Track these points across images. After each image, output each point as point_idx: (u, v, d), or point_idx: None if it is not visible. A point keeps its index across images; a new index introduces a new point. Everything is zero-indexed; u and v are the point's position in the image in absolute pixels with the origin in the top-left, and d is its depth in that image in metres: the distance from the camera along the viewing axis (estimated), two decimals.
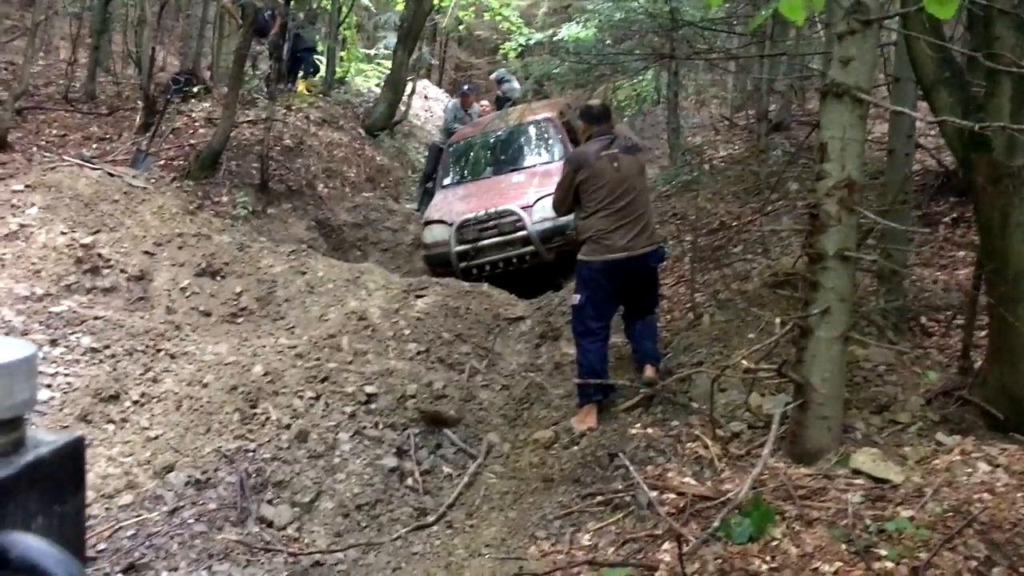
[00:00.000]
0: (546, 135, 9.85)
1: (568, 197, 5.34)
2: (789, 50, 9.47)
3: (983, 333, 4.67)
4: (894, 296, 5.55)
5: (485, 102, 14.91)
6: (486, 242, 8.42)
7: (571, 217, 8.21)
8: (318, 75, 14.63)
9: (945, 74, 4.20)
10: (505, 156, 9.92)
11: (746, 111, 13.10)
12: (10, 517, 0.71)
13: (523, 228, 8.31)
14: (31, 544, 0.69)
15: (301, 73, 13.77)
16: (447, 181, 9.91)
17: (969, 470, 3.60)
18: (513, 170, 9.56)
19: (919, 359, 5.00)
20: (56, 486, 0.76)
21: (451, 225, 8.59)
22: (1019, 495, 3.30)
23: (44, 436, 0.76)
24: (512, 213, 8.40)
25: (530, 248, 8.31)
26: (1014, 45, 3.92)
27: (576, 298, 5.23)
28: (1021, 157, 3.97)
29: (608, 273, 5.11)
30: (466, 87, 13.64)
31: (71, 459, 0.77)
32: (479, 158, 10.12)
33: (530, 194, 8.65)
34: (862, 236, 4.70)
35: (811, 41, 10.02)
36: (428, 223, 9.00)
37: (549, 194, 8.44)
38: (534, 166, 9.48)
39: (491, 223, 8.46)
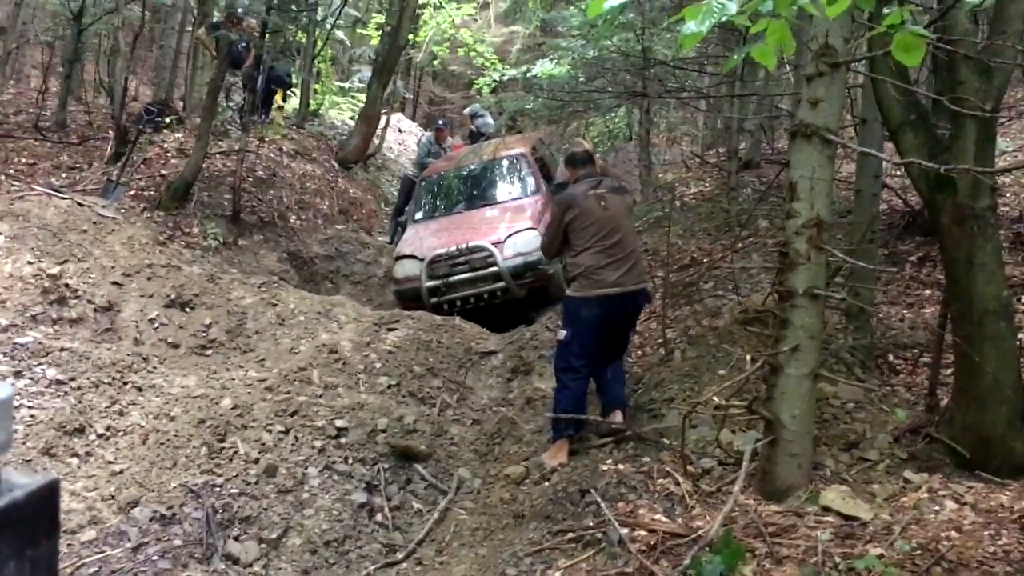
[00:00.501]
0: (518, 170, 9.88)
1: (557, 238, 5.35)
2: (759, 90, 9.62)
3: (949, 371, 4.73)
4: (862, 334, 5.62)
5: (457, 139, 14.96)
6: (457, 278, 8.40)
7: (541, 254, 8.30)
8: (287, 102, 14.62)
9: (911, 116, 4.30)
10: (477, 191, 9.92)
11: (716, 149, 13.26)
12: None
13: (494, 264, 8.30)
14: None
15: (277, 104, 13.77)
16: (419, 216, 9.90)
17: (937, 508, 3.63)
18: (485, 205, 9.56)
19: (887, 396, 5.05)
20: (30, 531, 0.75)
21: (422, 260, 8.56)
22: (986, 533, 3.33)
23: (18, 479, 0.75)
24: (483, 249, 8.40)
25: (501, 284, 8.30)
26: (977, 88, 4.02)
27: (562, 334, 5.20)
28: (985, 199, 4.06)
29: (599, 308, 5.09)
30: (440, 122, 13.70)
31: (45, 503, 0.76)
32: (451, 193, 10.12)
33: (501, 230, 8.66)
34: (831, 274, 4.77)
35: (780, 82, 10.20)
36: (399, 258, 8.97)
37: (521, 230, 8.52)
38: (506, 201, 9.50)
39: (462, 259, 8.45)
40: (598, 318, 5.11)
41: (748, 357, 5.43)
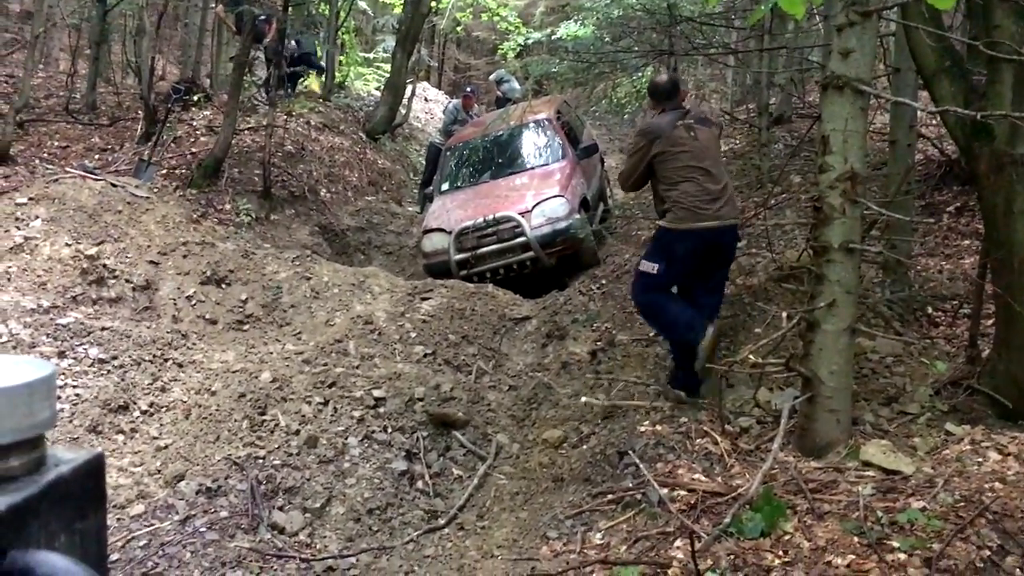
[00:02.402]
0: (543, 136, 9.79)
1: (638, 171, 5.06)
2: (788, 43, 9.46)
3: (990, 322, 4.67)
4: (900, 287, 5.55)
5: (481, 109, 14.90)
6: (486, 249, 8.38)
7: (571, 221, 8.24)
8: (322, 75, 14.66)
9: (945, 63, 4.20)
10: (502, 159, 9.85)
11: (746, 105, 13.10)
12: (33, 536, 0.71)
13: (522, 234, 8.25)
14: (55, 563, 0.69)
15: (308, 77, 13.79)
16: (445, 187, 9.87)
17: (979, 459, 3.59)
18: (511, 173, 9.49)
19: (926, 349, 4.99)
20: (78, 504, 0.76)
21: (450, 233, 8.55)
22: None
23: (64, 454, 0.77)
24: (511, 219, 8.36)
25: (530, 254, 8.26)
26: (1014, 33, 3.91)
27: (652, 267, 4.93)
28: (1023, 145, 3.97)
29: (699, 242, 4.87)
30: (468, 89, 13.65)
31: (92, 476, 0.78)
32: (476, 162, 10.06)
33: (528, 199, 8.60)
34: (866, 228, 4.71)
35: (810, 34, 10.01)
36: (427, 231, 8.95)
37: (548, 198, 8.46)
38: (532, 168, 9.43)
39: (490, 230, 8.41)
40: (696, 252, 4.90)
41: (784, 314, 5.38)
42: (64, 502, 0.74)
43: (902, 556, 2.95)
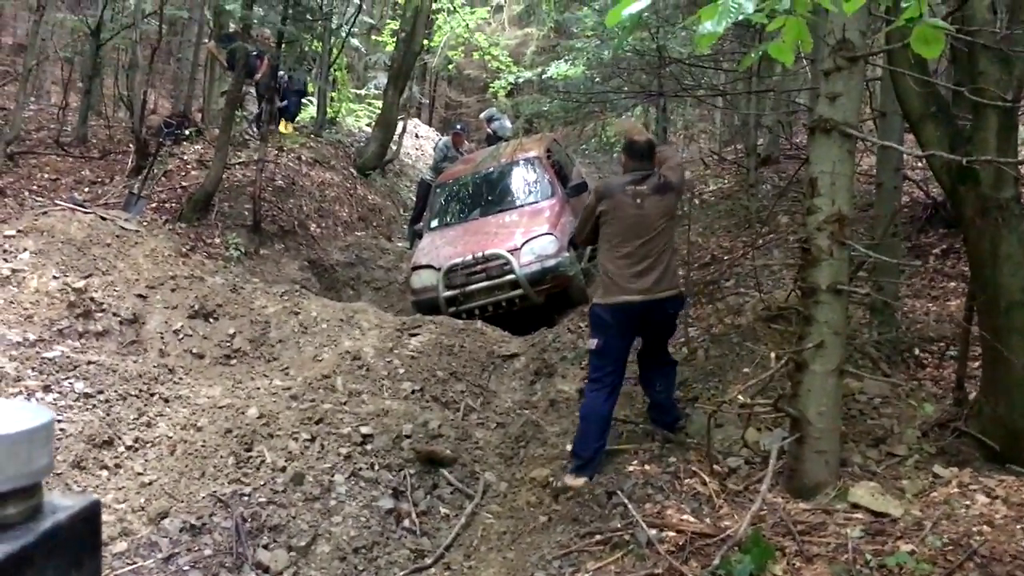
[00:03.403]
0: (532, 174, 9.84)
1: (587, 227, 5.12)
2: (776, 86, 9.59)
3: (977, 364, 4.69)
4: (887, 328, 5.58)
5: (472, 146, 14.99)
6: (475, 287, 8.37)
7: (560, 259, 8.27)
8: (296, 117, 14.68)
9: (931, 108, 4.26)
10: (492, 196, 9.88)
11: (735, 146, 13.22)
12: None
13: (511, 272, 8.25)
14: None
15: (284, 116, 13.85)
16: (434, 224, 9.88)
17: (967, 502, 3.60)
18: (500, 211, 9.51)
19: (914, 391, 5.01)
20: (74, 551, 0.76)
21: (439, 270, 8.54)
22: (1018, 527, 3.29)
23: (61, 501, 0.77)
24: (500, 257, 8.36)
25: (519, 291, 8.26)
26: (998, 79, 3.98)
27: (593, 342, 4.95)
28: (1009, 189, 4.02)
29: (623, 316, 4.84)
30: (459, 126, 13.74)
31: (87, 523, 0.77)
32: (465, 199, 10.10)
33: (517, 236, 8.62)
34: (854, 269, 4.74)
35: (797, 76, 10.15)
36: (416, 268, 8.94)
37: (537, 235, 8.49)
38: (521, 206, 9.46)
39: (479, 267, 8.41)
40: (624, 325, 4.87)
41: (772, 355, 5.41)
42: (60, 550, 0.74)
43: None
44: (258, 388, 6.12)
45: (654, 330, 5.07)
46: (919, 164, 8.01)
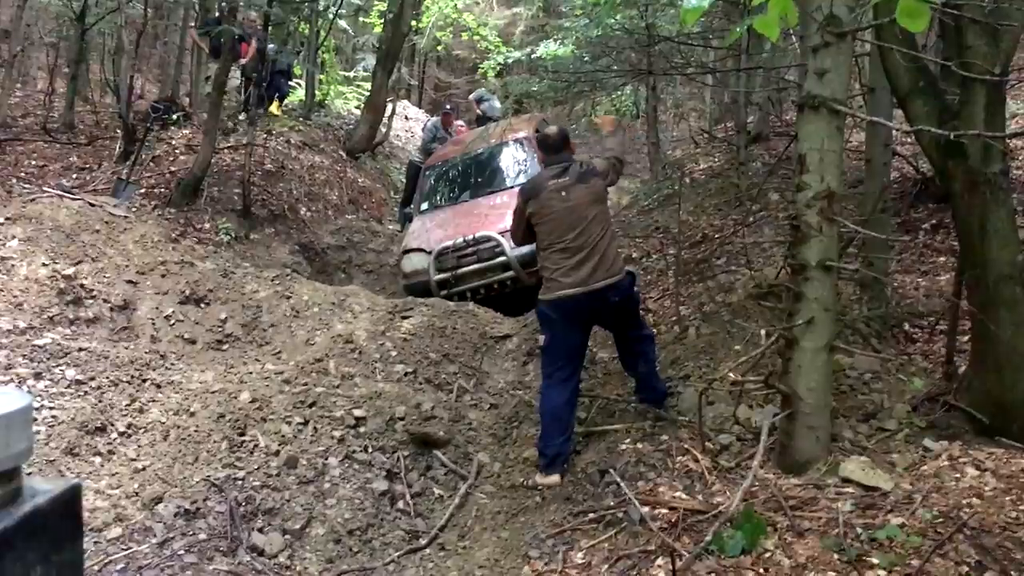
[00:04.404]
0: (522, 154, 9.79)
1: (521, 228, 5.12)
2: (765, 63, 9.56)
3: (966, 338, 4.71)
4: (877, 304, 5.60)
5: (461, 123, 14.96)
6: (466, 269, 8.34)
7: None
8: (286, 99, 14.61)
9: (919, 83, 4.26)
10: (481, 178, 9.82)
11: (725, 124, 13.21)
12: (9, 568, 0.71)
13: (502, 254, 8.22)
14: None
15: (276, 95, 13.79)
16: (424, 206, 9.85)
17: (957, 475, 3.62)
18: (490, 192, 9.46)
19: (904, 366, 5.04)
20: (54, 535, 0.76)
21: (429, 253, 8.52)
22: (1008, 499, 3.32)
23: (41, 485, 0.76)
24: (490, 239, 8.32)
25: (510, 273, 8.23)
26: (986, 53, 3.98)
27: (542, 337, 5.00)
28: (997, 164, 4.03)
29: (563, 312, 4.83)
30: (447, 107, 13.71)
31: (69, 507, 0.77)
32: (455, 181, 10.05)
33: (508, 218, 8.59)
34: (843, 245, 4.74)
35: (786, 53, 10.12)
36: (406, 251, 8.91)
37: None
38: (511, 187, 9.41)
39: (470, 250, 8.37)
40: (569, 318, 4.85)
41: (763, 332, 5.43)
42: (40, 534, 0.74)
43: (881, 573, 2.97)
44: (250, 372, 6.11)
45: (606, 319, 5.06)
46: (908, 140, 8.01)
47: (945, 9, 3.90)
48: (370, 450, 5.12)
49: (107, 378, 5.87)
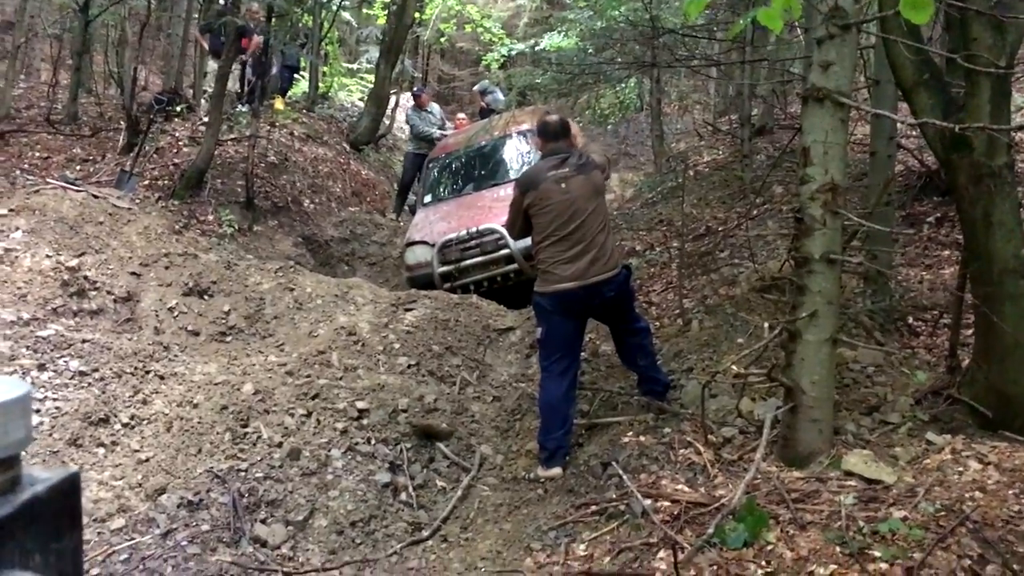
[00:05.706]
0: (525, 147, 9.78)
1: (518, 221, 5.04)
2: (769, 55, 9.53)
3: (970, 332, 4.70)
4: (880, 297, 5.59)
5: (463, 116, 14.95)
6: (469, 262, 8.34)
7: None
8: (288, 93, 14.61)
9: (924, 76, 4.24)
10: (484, 170, 9.82)
11: (729, 116, 13.17)
12: (8, 556, 0.71)
13: (506, 246, 8.20)
14: None
15: (280, 89, 13.78)
16: (428, 199, 9.85)
17: (960, 469, 3.62)
18: (494, 185, 9.44)
19: (907, 359, 5.03)
20: (53, 523, 0.76)
21: (433, 246, 8.52)
22: (1010, 492, 3.32)
23: (40, 473, 0.76)
24: (494, 231, 8.29)
25: (514, 266, 8.22)
26: (991, 45, 3.96)
27: (538, 330, 4.99)
28: (1002, 157, 4.01)
29: (560, 305, 4.81)
30: (415, 88, 13.68)
31: (67, 496, 0.77)
32: (459, 173, 10.05)
33: None
34: (847, 238, 4.74)
35: (791, 45, 10.09)
36: (409, 244, 8.91)
37: None
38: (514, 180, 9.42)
39: (473, 242, 8.37)
40: (565, 312, 4.84)
41: (766, 325, 5.42)
42: (39, 522, 0.74)
43: (883, 566, 2.97)
44: (254, 364, 6.12)
45: (601, 312, 5.03)
46: (913, 132, 7.98)
47: (950, 1, 3.89)
48: (373, 442, 5.13)
49: (111, 369, 5.88)
